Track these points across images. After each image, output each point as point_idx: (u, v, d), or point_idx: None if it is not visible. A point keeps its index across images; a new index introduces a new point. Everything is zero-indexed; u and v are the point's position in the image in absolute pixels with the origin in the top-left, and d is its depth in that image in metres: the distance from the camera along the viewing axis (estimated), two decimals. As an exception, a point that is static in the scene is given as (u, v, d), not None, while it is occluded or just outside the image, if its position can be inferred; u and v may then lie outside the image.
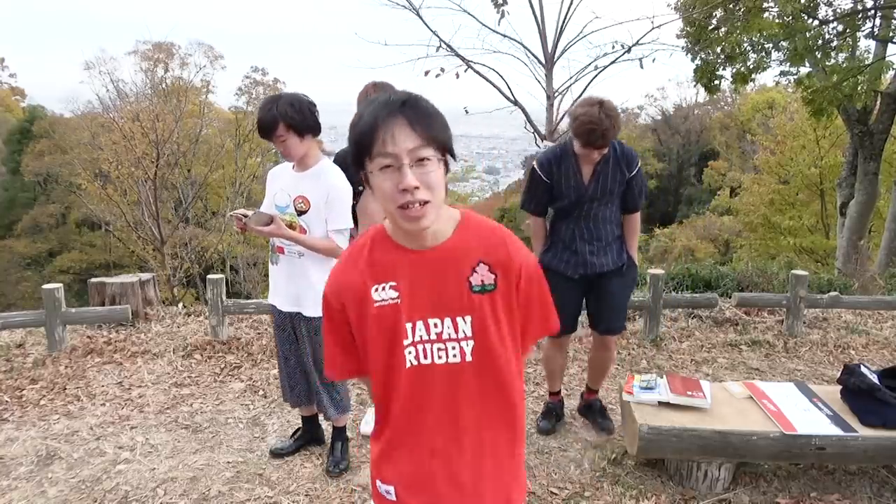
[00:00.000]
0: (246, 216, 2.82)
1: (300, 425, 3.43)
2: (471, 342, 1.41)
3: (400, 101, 1.28)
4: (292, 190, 2.92)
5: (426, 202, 1.28)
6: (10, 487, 3.02)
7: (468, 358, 1.41)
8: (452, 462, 1.46)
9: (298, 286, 2.96)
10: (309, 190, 2.89)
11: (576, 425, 3.63)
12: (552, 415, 3.61)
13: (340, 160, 3.11)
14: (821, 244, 18.44)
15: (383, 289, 1.40)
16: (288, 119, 2.77)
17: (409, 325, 1.40)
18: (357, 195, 3.09)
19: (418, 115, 1.27)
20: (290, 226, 2.90)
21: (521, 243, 1.46)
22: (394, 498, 1.48)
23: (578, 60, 23.95)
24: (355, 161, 1.33)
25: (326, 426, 3.41)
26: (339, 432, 3.26)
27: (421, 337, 1.41)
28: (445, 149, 1.31)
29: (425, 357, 1.41)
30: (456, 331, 1.40)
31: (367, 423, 3.50)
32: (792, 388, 3.29)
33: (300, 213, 2.90)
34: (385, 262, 1.41)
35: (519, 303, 1.45)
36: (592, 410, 3.63)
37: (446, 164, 1.33)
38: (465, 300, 1.40)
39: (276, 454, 3.29)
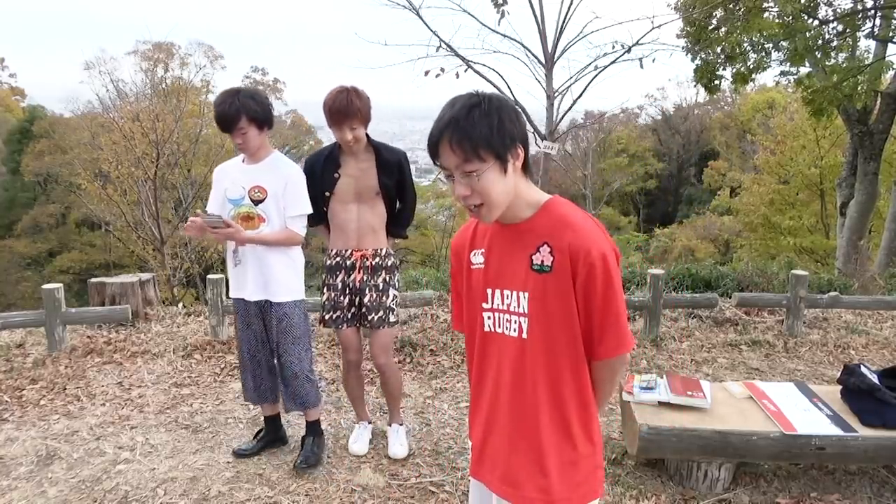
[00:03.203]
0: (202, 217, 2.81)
1: (300, 427, 3.43)
2: (526, 319, 1.47)
3: (445, 120, 1.38)
4: (246, 182, 2.95)
5: (480, 205, 1.42)
6: (10, 487, 3.02)
7: (524, 335, 1.49)
8: (496, 435, 1.57)
9: (265, 274, 2.98)
10: (265, 180, 2.93)
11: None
12: None
13: (308, 167, 3.12)
14: (821, 244, 18.43)
15: (476, 255, 1.58)
16: (251, 112, 2.82)
17: (489, 291, 1.54)
18: (326, 201, 3.08)
19: (459, 134, 1.36)
20: (248, 216, 2.92)
21: (597, 235, 1.43)
22: (469, 453, 1.68)
23: (578, 60, 24.10)
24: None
25: (288, 426, 3.44)
26: (312, 426, 3.25)
27: (497, 305, 1.53)
28: (497, 155, 1.38)
29: (497, 326, 1.54)
30: (518, 305, 1.49)
31: (356, 442, 3.37)
32: (792, 388, 3.29)
33: (256, 202, 2.93)
34: (483, 231, 1.59)
35: (577, 297, 1.43)
36: None
37: (503, 162, 1.39)
38: (525, 276, 1.46)
39: (240, 455, 3.27)
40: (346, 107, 2.87)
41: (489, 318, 1.55)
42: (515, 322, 1.49)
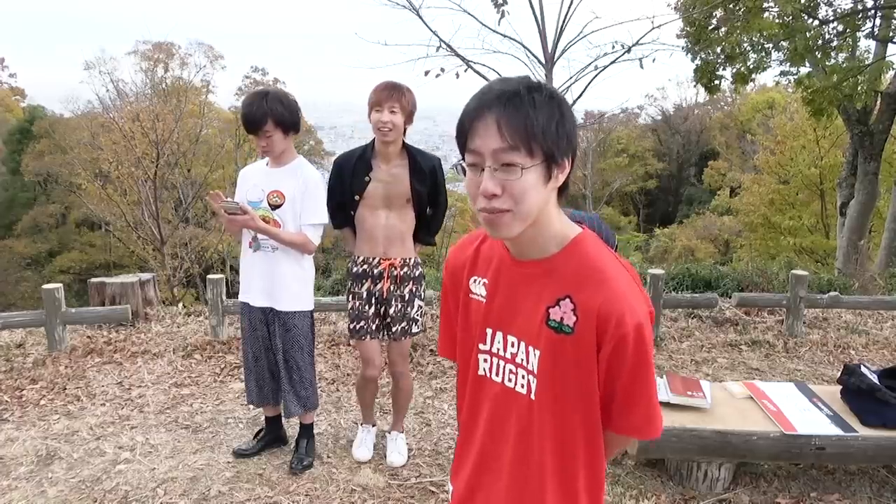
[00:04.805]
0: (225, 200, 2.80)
1: (300, 427, 3.42)
2: (535, 379, 1.24)
3: (496, 93, 1.11)
4: (266, 185, 2.93)
5: (506, 211, 1.12)
6: (10, 487, 3.02)
7: (532, 396, 1.25)
8: (489, 492, 1.35)
9: (272, 281, 2.97)
10: (285, 184, 2.91)
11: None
12: None
13: (337, 167, 3.04)
14: (821, 244, 18.45)
15: (476, 283, 1.33)
16: (277, 115, 2.80)
17: (489, 331, 1.30)
18: (355, 205, 3.00)
19: (514, 113, 1.08)
20: (264, 220, 2.90)
21: (633, 295, 1.17)
22: (450, 498, 1.45)
23: (578, 60, 24.10)
24: (459, 146, 1.18)
25: (288, 426, 3.43)
26: (306, 429, 3.26)
27: (498, 350, 1.29)
28: (549, 155, 1.10)
29: (497, 374, 1.30)
30: (527, 360, 1.25)
31: (359, 447, 3.31)
32: (792, 388, 3.29)
33: (274, 207, 2.92)
34: (487, 257, 1.32)
35: (600, 367, 1.18)
36: None
37: (550, 168, 1.12)
38: (539, 330, 1.22)
39: (240, 455, 3.27)
40: (396, 85, 2.87)
41: (485, 361, 1.31)
42: (523, 378, 1.25)
